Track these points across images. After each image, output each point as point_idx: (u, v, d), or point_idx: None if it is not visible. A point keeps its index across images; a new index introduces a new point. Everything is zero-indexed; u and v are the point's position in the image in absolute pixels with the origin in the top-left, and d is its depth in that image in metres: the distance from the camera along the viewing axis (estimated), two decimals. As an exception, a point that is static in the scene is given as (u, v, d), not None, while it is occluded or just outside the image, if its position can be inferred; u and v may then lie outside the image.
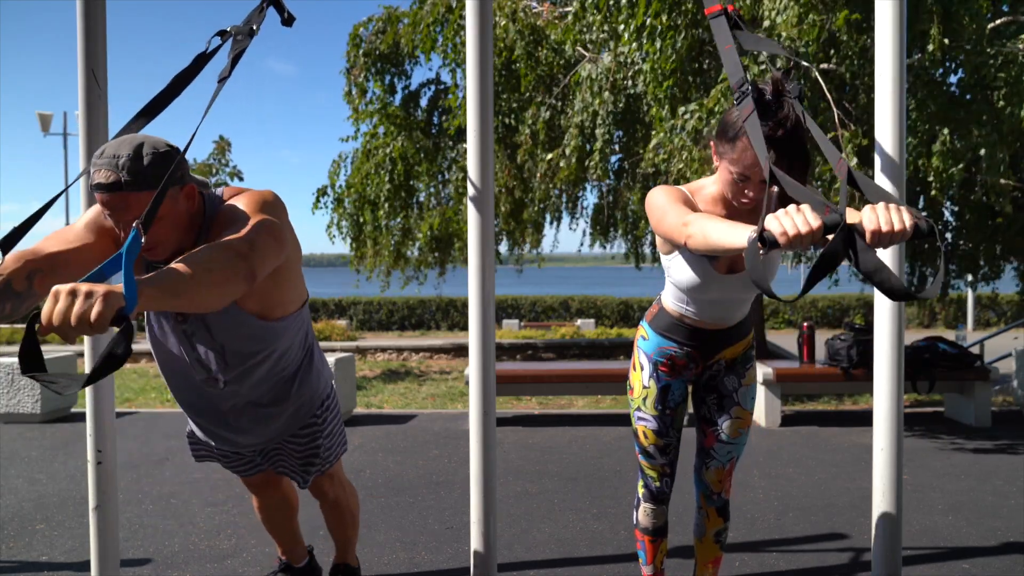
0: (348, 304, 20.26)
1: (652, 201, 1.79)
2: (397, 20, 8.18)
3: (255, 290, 1.77)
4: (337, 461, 2.25)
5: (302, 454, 2.14)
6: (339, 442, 2.23)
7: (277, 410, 2.02)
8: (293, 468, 2.19)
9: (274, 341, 1.89)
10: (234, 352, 1.85)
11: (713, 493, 2.15)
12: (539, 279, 37.20)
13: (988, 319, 19.00)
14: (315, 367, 2.09)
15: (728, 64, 1.60)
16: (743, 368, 2.13)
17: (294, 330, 1.96)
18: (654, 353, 2.10)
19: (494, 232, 2.27)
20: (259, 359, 1.89)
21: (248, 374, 1.90)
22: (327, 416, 2.15)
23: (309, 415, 2.10)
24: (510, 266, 10.09)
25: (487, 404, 2.22)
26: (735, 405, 2.11)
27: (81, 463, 4.39)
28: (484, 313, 2.21)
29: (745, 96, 1.52)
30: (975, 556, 2.96)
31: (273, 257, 1.61)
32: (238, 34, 1.67)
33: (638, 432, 2.13)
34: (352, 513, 2.43)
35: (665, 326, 2.08)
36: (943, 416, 5.87)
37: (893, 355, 2.00)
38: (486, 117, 2.17)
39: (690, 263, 1.91)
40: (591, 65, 6.46)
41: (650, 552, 2.22)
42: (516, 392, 6.33)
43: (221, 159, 9.91)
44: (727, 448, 2.11)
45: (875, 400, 2.05)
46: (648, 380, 2.10)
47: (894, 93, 1.95)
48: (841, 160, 1.42)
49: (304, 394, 2.06)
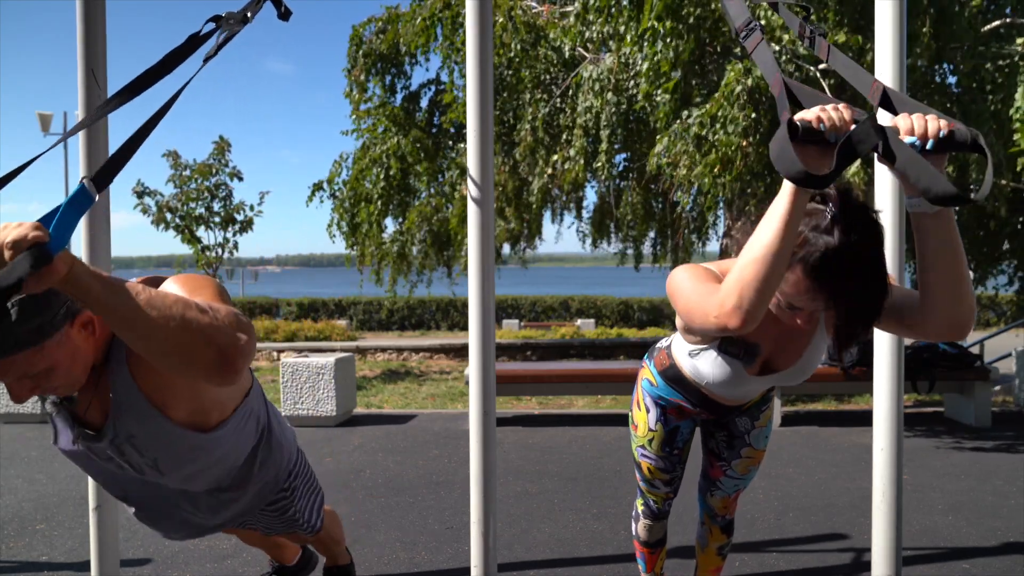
0: (348, 304, 20.27)
1: (676, 284, 1.46)
2: (397, 20, 8.19)
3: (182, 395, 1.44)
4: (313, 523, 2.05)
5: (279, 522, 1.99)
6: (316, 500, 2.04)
7: (238, 493, 1.77)
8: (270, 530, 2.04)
9: (212, 451, 1.56)
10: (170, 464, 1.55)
11: (718, 515, 2.11)
12: (539, 279, 37.21)
13: (988, 319, 19.00)
14: (275, 440, 1.79)
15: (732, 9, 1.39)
16: (758, 411, 1.96)
17: (239, 427, 1.62)
18: (661, 400, 1.93)
19: (494, 232, 2.27)
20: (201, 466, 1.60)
21: (193, 477, 1.62)
22: (296, 484, 1.94)
23: (275, 491, 1.88)
24: (510, 266, 10.09)
25: (487, 404, 2.22)
26: (746, 446, 1.98)
27: (81, 463, 4.39)
28: (484, 313, 2.21)
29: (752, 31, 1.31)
30: (975, 556, 2.96)
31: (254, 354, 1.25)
32: (230, 19, 1.59)
33: (642, 466, 2.03)
34: (334, 537, 2.34)
35: (676, 380, 1.85)
36: (943, 416, 5.87)
37: (893, 355, 2.00)
38: (486, 117, 2.17)
39: (722, 362, 1.66)
40: (592, 66, 6.46)
41: (650, 561, 2.20)
42: (516, 392, 6.33)
43: (221, 159, 9.90)
44: (734, 482, 2.03)
45: (875, 400, 2.05)
46: (655, 424, 1.95)
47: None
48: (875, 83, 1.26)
49: (268, 473, 1.80)
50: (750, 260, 1.19)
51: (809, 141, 1.10)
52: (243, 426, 1.64)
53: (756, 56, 1.28)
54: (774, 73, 1.20)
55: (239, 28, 1.50)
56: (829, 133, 1.09)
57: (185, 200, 9.60)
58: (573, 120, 6.78)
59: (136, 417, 1.43)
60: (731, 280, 1.23)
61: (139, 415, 1.43)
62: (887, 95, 1.23)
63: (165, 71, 1.39)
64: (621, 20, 5.25)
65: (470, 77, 2.17)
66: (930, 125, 1.10)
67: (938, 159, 1.13)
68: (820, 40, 1.36)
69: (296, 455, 1.94)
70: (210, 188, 9.64)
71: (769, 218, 1.18)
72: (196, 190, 9.56)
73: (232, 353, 1.15)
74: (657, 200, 8.91)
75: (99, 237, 2.20)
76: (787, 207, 1.15)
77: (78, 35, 2.13)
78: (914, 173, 1.05)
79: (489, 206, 2.20)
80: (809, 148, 1.10)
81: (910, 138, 1.12)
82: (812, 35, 1.37)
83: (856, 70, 1.28)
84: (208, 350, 1.13)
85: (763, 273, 1.18)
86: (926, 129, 1.09)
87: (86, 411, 1.47)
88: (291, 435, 1.92)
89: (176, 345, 1.11)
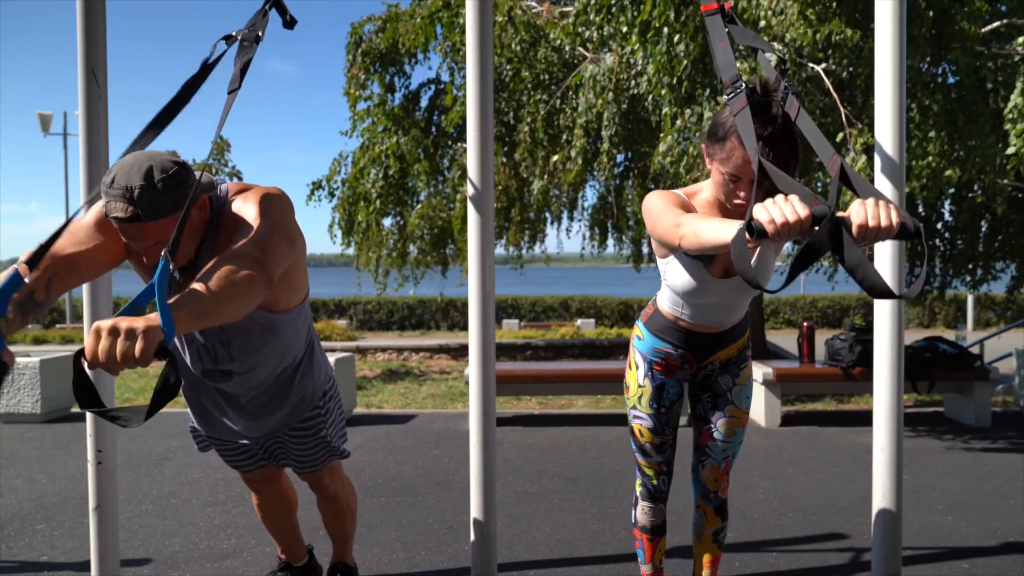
0: (348, 304, 20.27)
1: (648, 205, 1.79)
2: (397, 19, 8.18)
3: None
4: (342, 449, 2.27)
5: (308, 446, 2.16)
6: (342, 432, 2.26)
7: (280, 402, 2.05)
8: (298, 458, 2.20)
9: (279, 333, 1.92)
10: (240, 344, 1.88)
11: (710, 492, 2.15)
12: (539, 279, 37.21)
13: (988, 319, 19.01)
14: (316, 359, 2.12)
15: (721, 61, 1.61)
16: (737, 368, 2.13)
17: (298, 323, 1.99)
18: (649, 353, 2.10)
19: (494, 232, 2.27)
20: (264, 352, 1.93)
21: (253, 366, 1.93)
22: (330, 406, 2.18)
23: (311, 407, 2.12)
24: (510, 267, 10.09)
25: (487, 404, 2.22)
26: (729, 404, 2.11)
27: (81, 463, 4.39)
28: (484, 313, 2.21)
29: (738, 92, 1.53)
30: (975, 556, 2.96)
31: (285, 258, 1.63)
32: (244, 40, 1.68)
33: (634, 430, 2.15)
34: (351, 509, 2.45)
35: (660, 327, 2.08)
36: (943, 416, 5.87)
37: (893, 355, 2.00)
38: (486, 117, 2.17)
39: (685, 267, 1.90)
40: (593, 66, 6.46)
41: (649, 551, 2.22)
42: (516, 392, 6.33)
43: (220, 159, 9.91)
44: (722, 446, 2.11)
45: (875, 400, 2.06)
46: (643, 379, 2.11)
47: (894, 93, 1.95)
48: (834, 157, 1.42)
49: (307, 386, 2.09)
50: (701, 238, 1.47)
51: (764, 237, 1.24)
52: (301, 323, 2.00)
53: (739, 120, 1.49)
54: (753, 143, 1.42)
55: (254, 49, 1.68)
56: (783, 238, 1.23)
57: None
58: (573, 120, 6.78)
59: None
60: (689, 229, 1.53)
61: None
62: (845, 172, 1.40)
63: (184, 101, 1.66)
64: (623, 19, 5.24)
65: (470, 77, 2.17)
66: (882, 220, 1.22)
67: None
68: (792, 99, 1.57)
69: (331, 381, 2.21)
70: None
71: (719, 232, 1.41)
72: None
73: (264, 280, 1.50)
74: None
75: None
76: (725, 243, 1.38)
77: (78, 35, 2.13)
78: (860, 272, 1.21)
79: (489, 206, 2.20)
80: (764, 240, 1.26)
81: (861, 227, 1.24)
82: (787, 92, 1.58)
83: (820, 138, 1.48)
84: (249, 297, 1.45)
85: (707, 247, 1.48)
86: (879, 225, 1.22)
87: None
88: (328, 363, 2.21)
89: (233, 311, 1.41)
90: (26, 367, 5.77)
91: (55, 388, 5.88)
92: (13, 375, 5.66)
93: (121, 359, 1.13)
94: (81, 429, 5.18)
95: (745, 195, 1.71)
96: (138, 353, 1.13)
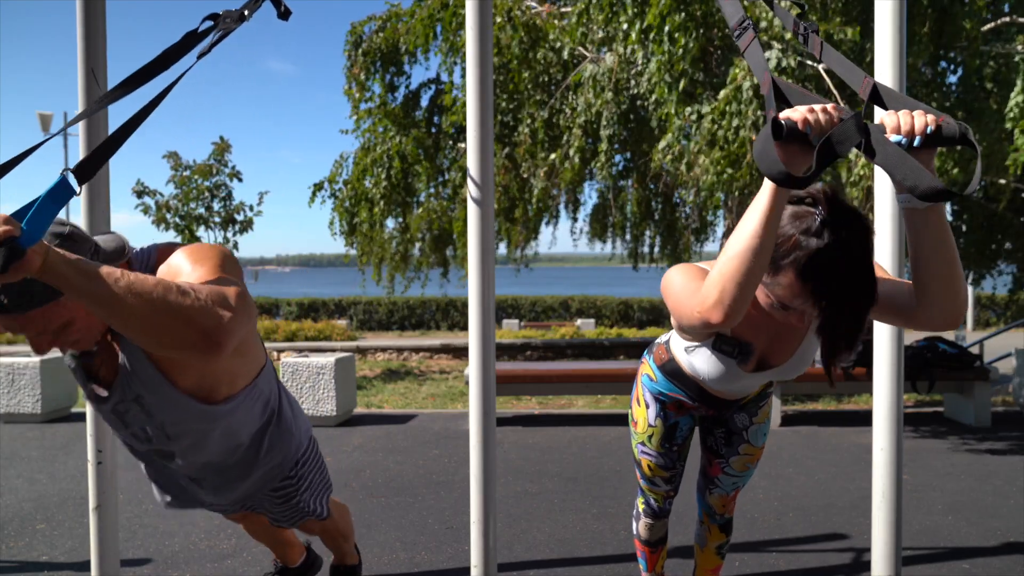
0: (348, 304, 20.26)
1: (668, 282, 1.52)
2: (397, 19, 8.18)
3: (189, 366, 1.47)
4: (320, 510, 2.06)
5: (281, 509, 1.99)
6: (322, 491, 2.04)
7: (243, 473, 1.79)
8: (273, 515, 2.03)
9: (219, 421, 1.61)
10: (174, 426, 1.58)
11: (716, 514, 2.11)
12: (539, 279, 37.21)
13: (988, 319, 19.00)
14: (285, 425, 1.81)
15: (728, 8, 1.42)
16: (756, 407, 1.97)
17: (247, 406, 1.65)
18: (661, 395, 1.94)
19: (494, 232, 2.27)
20: (207, 438, 1.63)
21: (198, 447, 1.65)
22: (303, 472, 1.93)
23: (281, 477, 1.88)
24: (509, 266, 10.09)
25: (487, 404, 2.22)
26: (744, 443, 1.98)
27: (81, 463, 4.39)
28: (484, 313, 2.21)
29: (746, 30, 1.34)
30: (975, 556, 2.96)
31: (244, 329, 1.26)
32: (227, 17, 1.59)
33: (642, 463, 2.03)
34: (344, 532, 2.34)
35: (675, 375, 1.87)
36: (943, 416, 5.87)
37: (893, 355, 2.00)
38: (486, 117, 2.16)
39: (715, 359, 1.67)
40: (593, 65, 6.45)
41: (651, 560, 2.21)
42: (516, 392, 6.33)
43: (221, 160, 9.90)
44: (732, 480, 2.04)
45: (875, 400, 2.05)
46: (655, 419, 1.96)
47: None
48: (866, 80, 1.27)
49: (274, 458, 1.81)
50: (731, 256, 1.22)
51: (793, 141, 1.10)
52: (251, 405, 1.67)
53: (748, 54, 1.30)
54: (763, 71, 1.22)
55: (235, 26, 1.50)
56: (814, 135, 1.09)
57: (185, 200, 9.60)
58: (573, 120, 6.78)
59: (142, 381, 1.48)
60: (712, 276, 1.26)
61: (146, 380, 1.47)
62: (877, 91, 1.25)
63: (163, 67, 1.40)
64: (624, 17, 5.24)
65: (470, 77, 2.17)
66: (917, 121, 1.11)
67: (927, 154, 1.13)
68: (813, 36, 1.37)
69: (308, 444, 1.95)
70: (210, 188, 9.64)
71: (750, 216, 1.19)
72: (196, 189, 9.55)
73: (215, 333, 1.16)
74: (657, 200, 8.91)
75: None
76: (767, 205, 1.17)
77: (78, 35, 2.13)
78: (900, 171, 1.05)
79: (489, 206, 2.20)
80: (793, 147, 1.11)
81: (896, 136, 1.11)
82: (806, 32, 1.39)
83: (848, 66, 1.30)
84: (189, 331, 1.14)
85: (744, 268, 1.21)
86: (912, 125, 1.10)
87: (99, 369, 1.52)
88: (304, 424, 1.94)
89: (156, 327, 1.12)
90: (26, 367, 5.77)
91: (55, 388, 5.88)
92: (4, 366, 5.64)
93: None
94: (81, 429, 5.17)
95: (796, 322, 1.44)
96: None
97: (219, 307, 1.18)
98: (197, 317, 1.15)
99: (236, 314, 1.21)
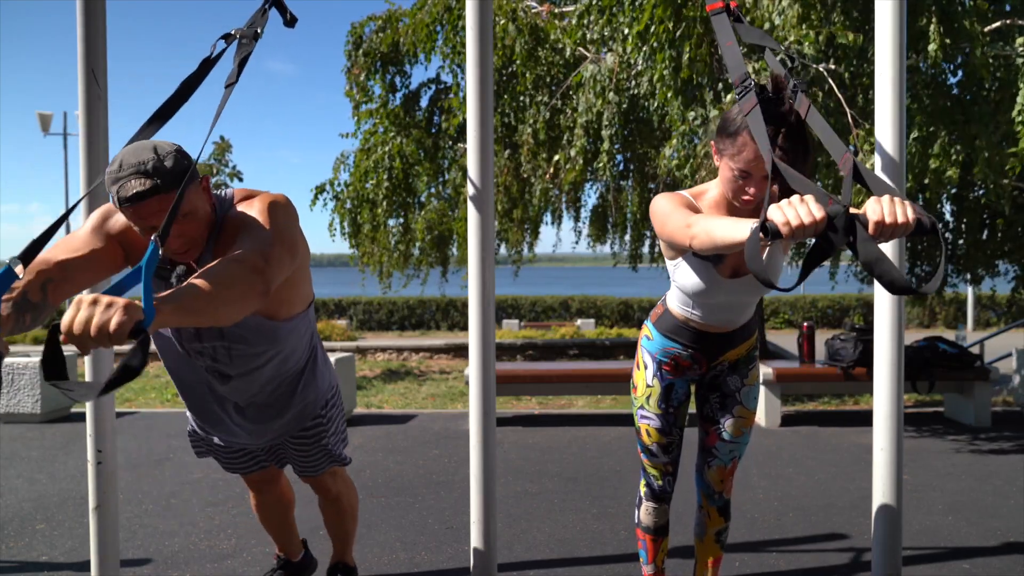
0: (348, 304, 20.26)
1: (656, 207, 1.78)
2: (397, 19, 8.17)
3: None
4: (343, 455, 2.27)
5: (309, 453, 2.17)
6: (343, 438, 2.26)
7: (281, 410, 2.03)
8: (300, 463, 2.21)
9: (280, 341, 1.91)
10: (240, 351, 1.87)
11: (715, 492, 2.15)
12: (539, 279, 37.19)
13: (988, 319, 19.00)
14: (319, 368, 2.10)
15: (730, 60, 1.62)
16: (746, 368, 2.13)
17: (300, 331, 1.97)
18: (658, 353, 2.10)
19: (494, 232, 2.27)
20: (265, 359, 1.91)
21: (254, 373, 1.92)
22: (332, 414, 2.17)
23: (313, 416, 2.11)
24: (508, 266, 10.09)
25: (487, 404, 2.22)
26: (737, 404, 2.11)
27: (81, 463, 4.39)
28: (484, 313, 2.21)
29: (748, 91, 1.52)
30: (975, 556, 2.96)
31: (286, 268, 1.62)
32: (243, 37, 1.69)
33: (641, 430, 2.14)
34: (352, 510, 2.45)
35: (670, 328, 2.07)
36: (943, 416, 5.87)
37: (893, 355, 2.00)
38: (486, 117, 2.17)
39: (695, 268, 1.90)
40: (593, 66, 6.45)
41: (651, 551, 2.22)
42: (516, 392, 6.33)
43: (221, 160, 9.91)
44: (729, 447, 2.11)
45: (875, 400, 2.06)
46: (652, 379, 2.10)
47: (894, 93, 1.95)
48: (847, 155, 1.41)
49: (308, 395, 2.07)
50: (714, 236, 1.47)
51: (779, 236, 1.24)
52: (303, 331, 1.99)
53: (750, 119, 1.48)
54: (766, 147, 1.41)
55: (252, 46, 1.67)
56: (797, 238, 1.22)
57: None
58: (574, 120, 6.77)
59: None
60: (700, 230, 1.53)
61: None
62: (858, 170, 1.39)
63: (184, 98, 1.65)
64: (623, 20, 5.23)
65: (470, 77, 2.17)
66: (899, 216, 1.21)
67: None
68: (801, 96, 1.56)
69: (335, 389, 2.20)
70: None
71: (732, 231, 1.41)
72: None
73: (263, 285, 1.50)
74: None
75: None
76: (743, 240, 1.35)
77: (78, 35, 2.13)
78: (878, 268, 1.21)
79: (489, 206, 2.20)
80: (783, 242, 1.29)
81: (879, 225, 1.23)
82: (796, 89, 1.58)
83: (831, 136, 1.47)
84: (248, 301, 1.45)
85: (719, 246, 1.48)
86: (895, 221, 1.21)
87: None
88: (332, 370, 2.20)
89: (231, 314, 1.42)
90: (26, 367, 5.77)
91: (55, 388, 5.88)
92: (4, 366, 5.65)
93: (96, 331, 1.10)
94: (81, 429, 5.17)
95: (754, 192, 1.69)
96: (113, 326, 1.10)
97: (258, 271, 1.49)
98: (251, 288, 1.46)
99: (273, 265, 1.55)
